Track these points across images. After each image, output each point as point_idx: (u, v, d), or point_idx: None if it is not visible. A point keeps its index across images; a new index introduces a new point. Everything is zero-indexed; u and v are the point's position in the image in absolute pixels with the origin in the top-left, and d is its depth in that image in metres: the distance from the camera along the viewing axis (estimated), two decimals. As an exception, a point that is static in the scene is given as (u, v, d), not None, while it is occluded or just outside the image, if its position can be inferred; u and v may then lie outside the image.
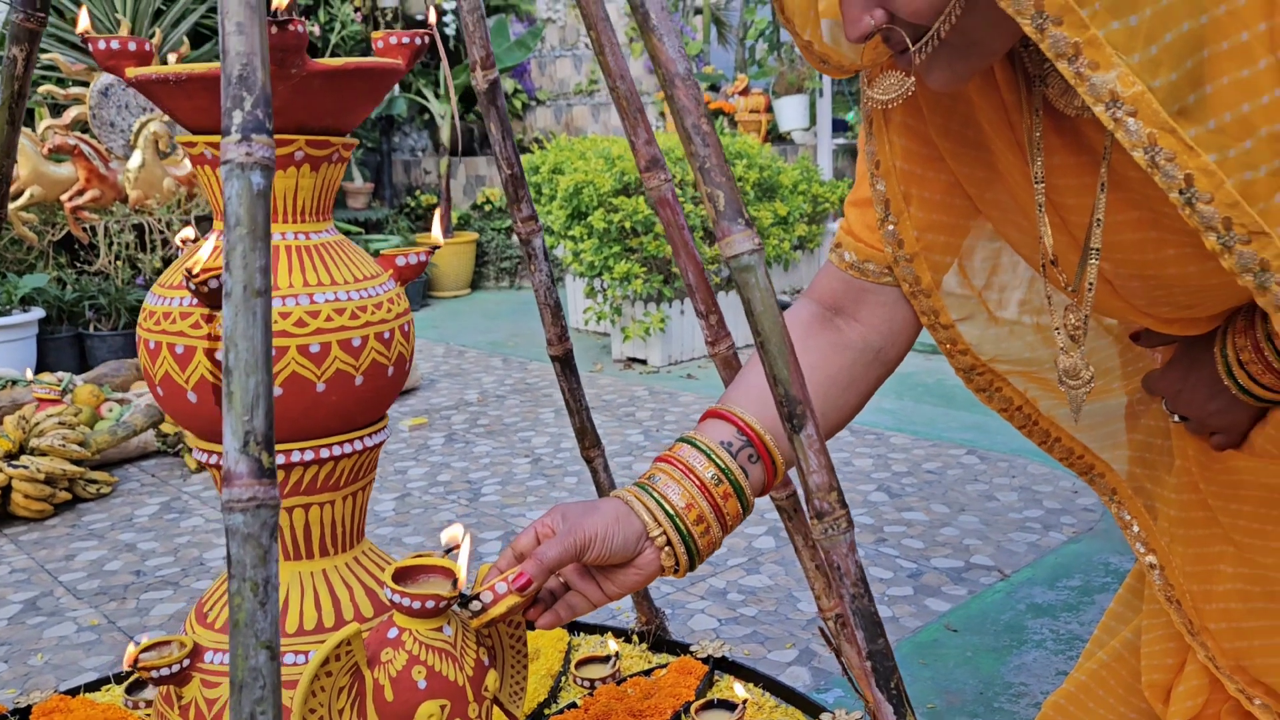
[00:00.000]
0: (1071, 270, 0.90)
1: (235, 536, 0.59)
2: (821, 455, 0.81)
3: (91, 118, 4.21)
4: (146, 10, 4.45)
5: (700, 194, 0.80)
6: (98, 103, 4.21)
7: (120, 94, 4.21)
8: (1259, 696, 0.97)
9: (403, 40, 1.04)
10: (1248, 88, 0.66)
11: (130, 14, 4.36)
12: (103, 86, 4.19)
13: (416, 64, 6.05)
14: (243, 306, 0.62)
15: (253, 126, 0.64)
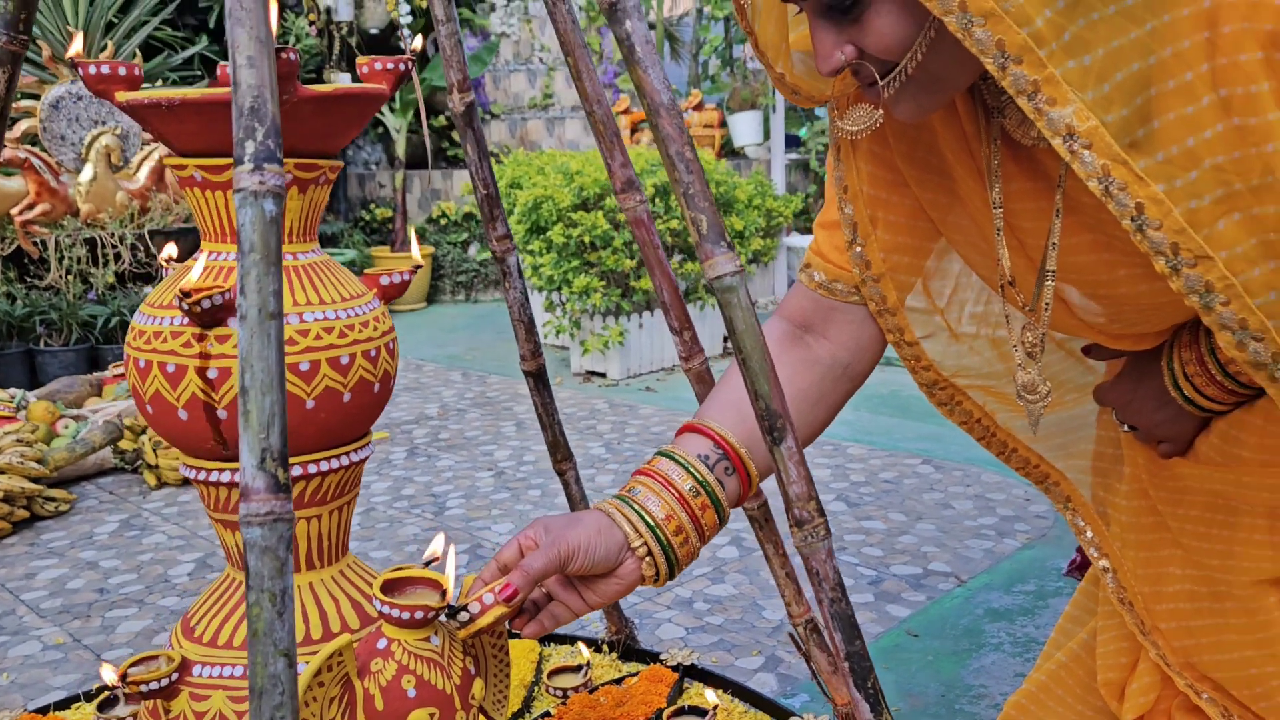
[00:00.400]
0: (1029, 290, 0.95)
1: (254, 549, 0.62)
2: (800, 467, 0.85)
3: (42, 131, 4.16)
4: (99, 23, 4.41)
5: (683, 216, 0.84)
6: (48, 116, 4.15)
7: (71, 107, 4.17)
8: (1207, 691, 1.02)
9: (386, 66, 1.07)
10: (1192, 123, 0.71)
11: (83, 26, 4.31)
12: (53, 99, 4.14)
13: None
14: (258, 329, 0.64)
15: (265, 156, 0.66)
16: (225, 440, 1.00)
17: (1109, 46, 0.71)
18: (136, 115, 0.99)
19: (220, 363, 0.97)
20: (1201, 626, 1.03)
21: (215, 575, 2.25)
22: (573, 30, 1.14)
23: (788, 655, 1.83)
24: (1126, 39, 0.70)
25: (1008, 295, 0.96)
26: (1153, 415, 1.00)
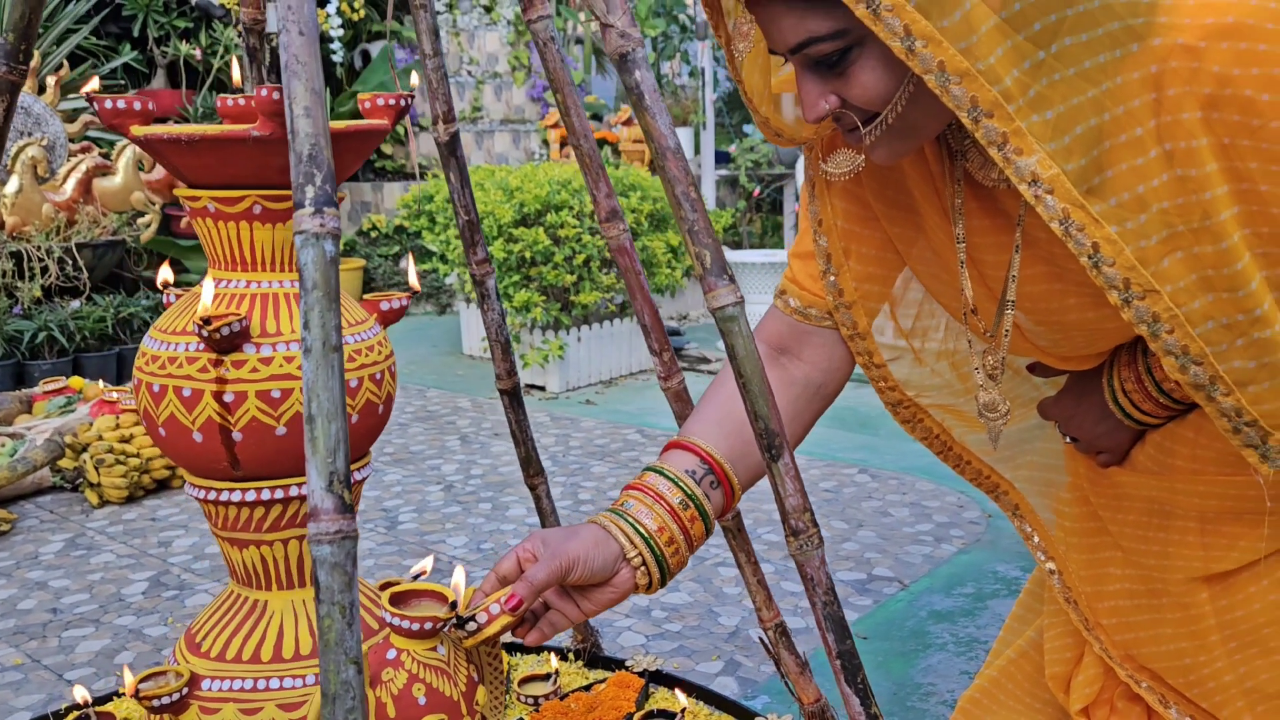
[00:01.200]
0: (990, 318, 1.04)
1: (324, 566, 0.67)
2: (796, 481, 0.93)
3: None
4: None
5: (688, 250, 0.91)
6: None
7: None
8: (1145, 680, 1.12)
9: (389, 102, 1.12)
10: (1141, 173, 0.80)
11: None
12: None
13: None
14: (322, 361, 0.70)
15: (324, 200, 0.72)
16: (238, 461, 1.04)
17: (1069, 104, 0.80)
18: (151, 149, 1.03)
19: (236, 387, 1.01)
20: (1140, 621, 1.13)
21: (170, 593, 2.25)
22: (561, 68, 1.20)
23: (746, 660, 1.91)
24: (1085, 97, 0.80)
25: (970, 323, 1.05)
26: (1093, 428, 1.10)
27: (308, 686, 1.08)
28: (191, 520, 2.71)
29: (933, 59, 0.77)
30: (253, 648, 1.09)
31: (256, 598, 1.12)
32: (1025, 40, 0.78)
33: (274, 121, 0.97)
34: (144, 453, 2.84)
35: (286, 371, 1.02)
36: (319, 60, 0.75)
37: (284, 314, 1.05)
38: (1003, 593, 2.19)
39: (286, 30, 0.73)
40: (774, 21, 0.86)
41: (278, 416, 1.02)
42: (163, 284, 1.21)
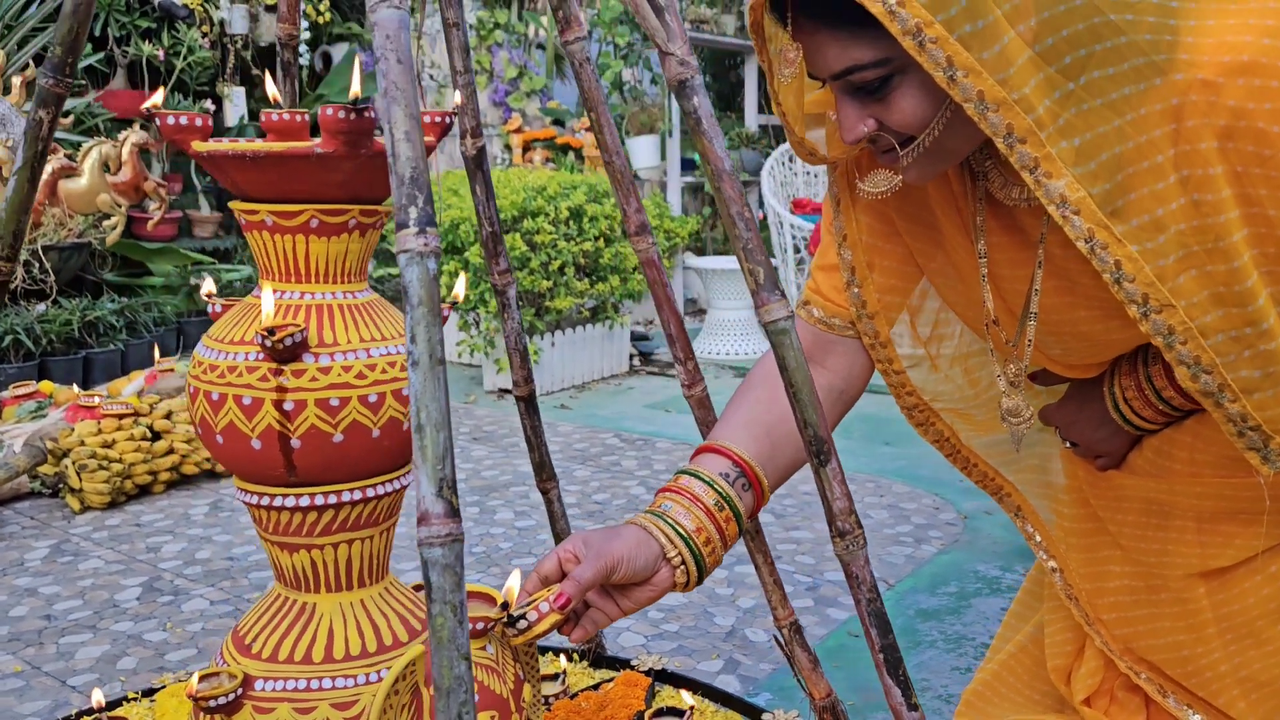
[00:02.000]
0: (1011, 329, 1.11)
1: (435, 567, 0.71)
2: (843, 485, 0.98)
3: (-71, 142, 3.99)
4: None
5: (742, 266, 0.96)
6: (-64, 127, 3.98)
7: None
8: (1145, 672, 1.19)
9: (435, 119, 1.16)
10: (1160, 197, 0.87)
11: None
12: (-59, 110, 3.97)
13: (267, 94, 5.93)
14: (429, 373, 0.73)
15: (426, 220, 0.76)
16: (295, 468, 1.07)
17: (1095, 131, 0.86)
18: (212, 163, 1.05)
19: (296, 395, 1.04)
20: (1139, 616, 1.19)
21: (165, 599, 2.25)
22: (596, 87, 1.25)
23: (745, 658, 1.97)
24: (1110, 126, 0.86)
25: (991, 333, 1.11)
26: (1093, 433, 1.17)
27: (359, 686, 1.11)
28: (177, 526, 2.70)
29: (973, 88, 0.84)
30: (304, 649, 1.12)
31: (305, 600, 1.15)
32: (1056, 72, 0.85)
33: (337, 139, 1.01)
34: (126, 458, 2.83)
35: (344, 380, 1.05)
36: (415, 87, 0.78)
37: (339, 324, 1.08)
38: (985, 591, 2.27)
39: (385, 58, 0.77)
40: (820, 49, 0.92)
41: (335, 424, 1.05)
42: (207, 295, 1.23)
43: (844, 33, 0.89)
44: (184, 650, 2.00)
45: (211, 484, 3.05)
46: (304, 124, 1.08)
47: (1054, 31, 0.83)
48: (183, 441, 2.97)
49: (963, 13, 0.82)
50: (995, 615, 2.15)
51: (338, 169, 1.03)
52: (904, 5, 0.82)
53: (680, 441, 3.50)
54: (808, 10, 0.90)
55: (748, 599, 2.22)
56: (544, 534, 2.61)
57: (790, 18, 0.92)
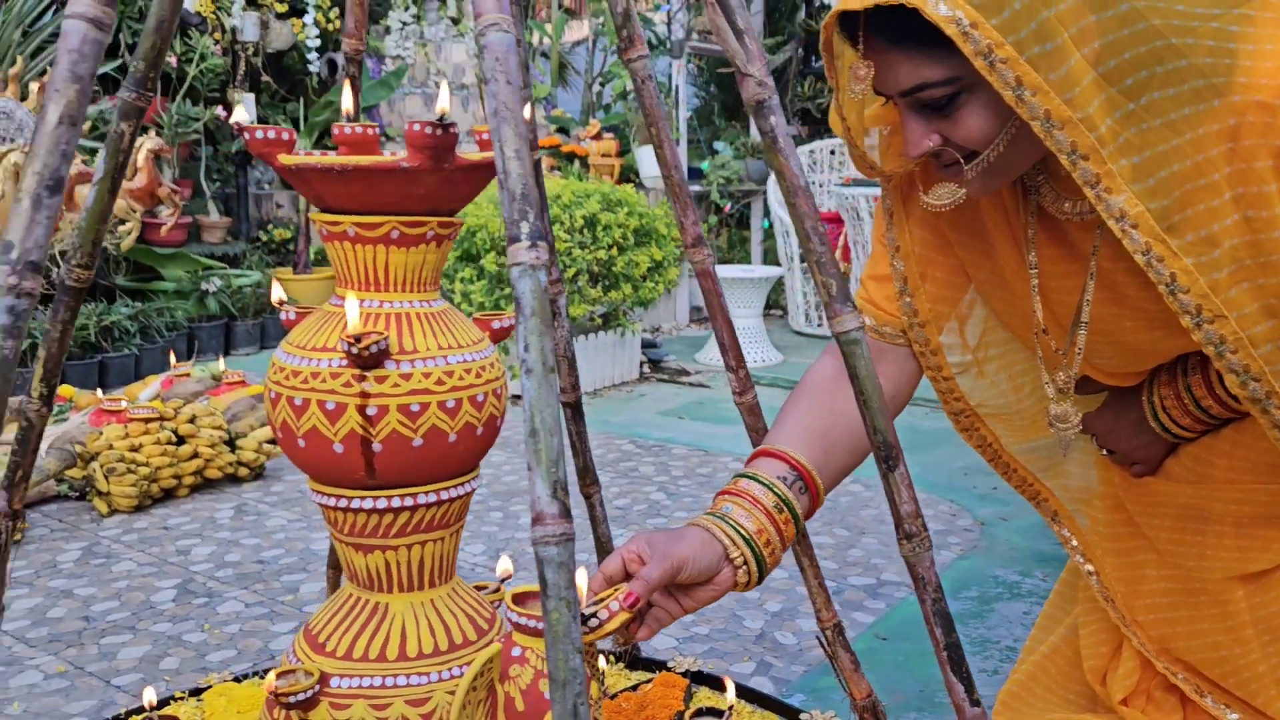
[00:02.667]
0: (1059, 338, 1.15)
1: (550, 565, 0.74)
2: (910, 489, 1.02)
3: (-52, 147, 4.01)
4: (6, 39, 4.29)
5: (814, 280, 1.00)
6: (-45, 132, 4.01)
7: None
8: (1182, 672, 1.23)
9: (506, 134, 1.20)
10: (1215, 213, 0.92)
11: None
12: (-40, 115, 4.00)
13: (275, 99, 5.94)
14: (543, 381, 0.77)
15: (537, 234, 0.80)
16: (375, 471, 1.10)
17: (1155, 150, 0.91)
18: (296, 176, 1.09)
19: (378, 401, 1.08)
20: (1177, 618, 1.23)
21: (200, 601, 2.28)
22: (656, 105, 1.29)
23: (776, 660, 2.00)
24: (1169, 145, 0.91)
25: (1041, 342, 1.16)
26: (1130, 441, 1.21)
27: (432, 683, 1.15)
28: (204, 529, 2.73)
29: (1040, 107, 0.88)
30: (378, 647, 1.15)
31: (378, 600, 1.18)
32: (1118, 93, 0.89)
33: (423, 154, 1.04)
34: (152, 461, 2.85)
35: (424, 387, 1.09)
36: (520, 107, 0.82)
37: (418, 332, 1.12)
38: (1005, 596, 2.31)
39: (495, 79, 0.81)
40: (890, 68, 0.96)
41: (415, 429, 1.09)
42: (278, 302, 1.27)
43: (915, 52, 0.93)
44: (224, 651, 2.03)
45: (234, 488, 3.08)
46: (375, 137, 1.12)
47: (1117, 54, 0.87)
48: (206, 446, 3.00)
49: (1032, 35, 0.86)
50: (1018, 619, 2.20)
51: (421, 182, 1.07)
52: (977, 27, 0.87)
53: (696, 449, 3.54)
54: (880, 30, 0.94)
55: (774, 603, 2.25)
56: (569, 538, 2.64)
57: (862, 37, 0.96)
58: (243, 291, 5.07)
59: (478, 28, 0.83)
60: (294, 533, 2.70)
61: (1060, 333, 1.15)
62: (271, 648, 2.05)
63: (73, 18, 0.78)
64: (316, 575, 2.42)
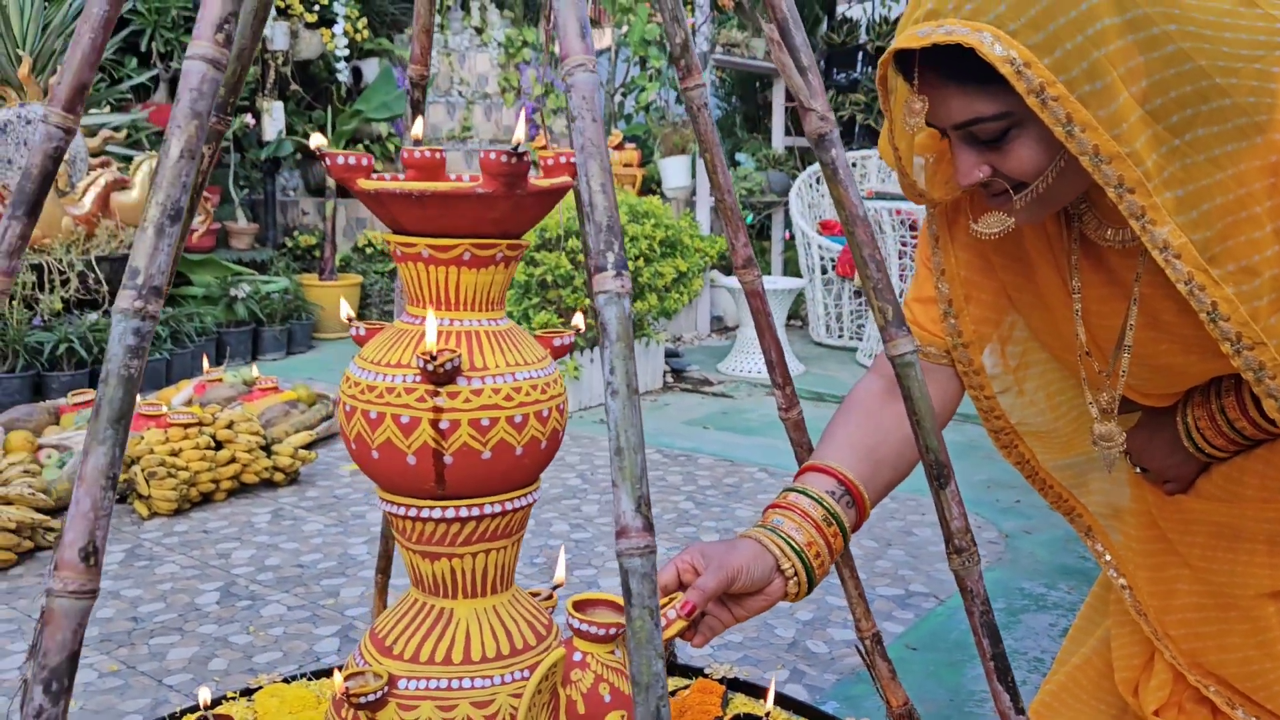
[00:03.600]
0: (1102, 361, 1.20)
1: (634, 575, 0.79)
2: (960, 506, 1.07)
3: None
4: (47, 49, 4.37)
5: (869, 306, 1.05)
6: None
7: (20, 130, 4.12)
8: (1213, 685, 1.27)
9: (570, 160, 1.25)
10: (1256, 245, 0.96)
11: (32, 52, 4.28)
12: (1, 123, 4.08)
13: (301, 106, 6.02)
14: (627, 401, 0.82)
15: (621, 264, 0.85)
16: (445, 482, 1.16)
17: (1198, 184, 0.95)
18: (374, 199, 1.14)
19: (451, 415, 1.13)
20: (1208, 632, 1.27)
21: (244, 604, 2.33)
22: (711, 130, 1.34)
23: (809, 669, 2.05)
24: (1212, 180, 0.95)
25: (1085, 364, 1.20)
26: (1164, 460, 1.25)
27: (495, 686, 1.19)
28: (243, 533, 2.79)
29: (1089, 143, 0.93)
30: (444, 651, 1.20)
31: (443, 605, 1.23)
32: (1164, 129, 0.94)
33: (497, 180, 1.10)
34: (192, 466, 2.92)
35: (494, 402, 1.14)
36: (605, 140, 0.88)
37: (488, 350, 1.17)
38: (1032, 608, 2.35)
39: (581, 116, 0.86)
40: (944, 102, 1.01)
41: (485, 442, 1.14)
42: (348, 318, 1.32)
43: (969, 87, 0.98)
44: (270, 653, 2.09)
45: (270, 493, 3.14)
46: (442, 161, 1.18)
47: (1163, 93, 0.92)
48: (244, 451, 3.06)
49: (1083, 74, 0.91)
50: (1044, 630, 2.23)
51: (494, 207, 1.12)
52: (1030, 66, 0.92)
53: (722, 459, 3.58)
54: (935, 66, 0.99)
55: (805, 613, 2.30)
56: (601, 545, 2.69)
57: (918, 72, 1.01)
58: (271, 297, 5.14)
59: (565, 68, 0.88)
60: (331, 538, 2.75)
61: (1101, 355, 1.19)
62: (316, 650, 2.10)
63: (193, 59, 0.83)
64: (355, 580, 2.47)
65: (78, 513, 0.77)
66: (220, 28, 0.84)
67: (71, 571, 0.77)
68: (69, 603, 0.77)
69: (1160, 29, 0.90)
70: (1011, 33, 0.92)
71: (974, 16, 0.93)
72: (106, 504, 0.77)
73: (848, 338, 5.56)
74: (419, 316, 1.20)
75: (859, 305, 5.48)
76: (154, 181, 0.82)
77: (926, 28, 0.96)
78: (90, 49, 1.04)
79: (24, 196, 1.06)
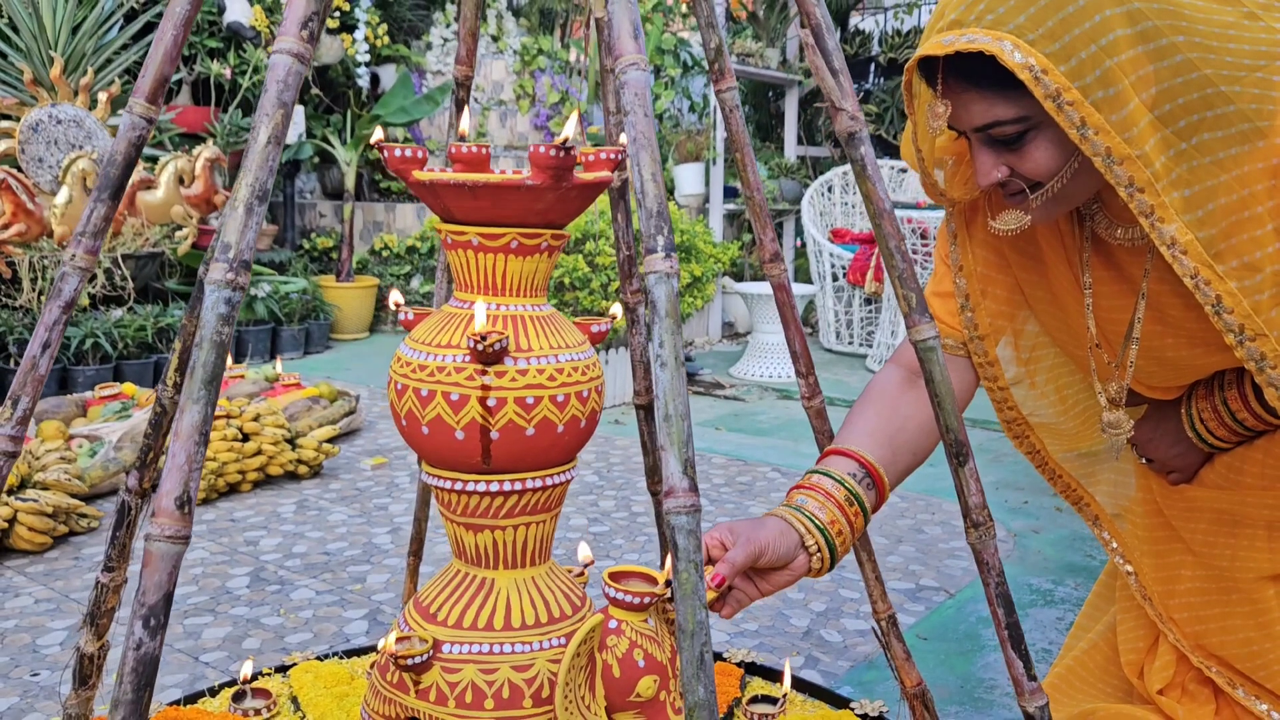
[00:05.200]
0: (1112, 353, 1.26)
1: (681, 532, 0.86)
2: (978, 483, 1.14)
3: (20, 152, 4.19)
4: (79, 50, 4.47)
5: (895, 294, 1.12)
6: (27, 138, 4.19)
7: (51, 129, 4.21)
8: (1215, 666, 1.33)
9: (610, 155, 1.32)
10: (1258, 242, 1.03)
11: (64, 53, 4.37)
12: (33, 122, 4.18)
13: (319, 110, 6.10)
14: (675, 372, 0.89)
15: (670, 247, 0.92)
16: (491, 457, 1.23)
17: (1203, 185, 1.02)
18: (428, 190, 1.22)
19: (498, 393, 1.20)
20: (1210, 615, 1.34)
21: (273, 588, 2.41)
22: (742, 131, 1.42)
23: (824, 656, 2.11)
24: (1216, 181, 1.02)
25: (1094, 355, 1.27)
26: (1168, 450, 1.32)
27: (534, 651, 1.26)
28: (269, 522, 2.86)
29: (1101, 145, 0.99)
30: (486, 617, 1.27)
31: (485, 575, 1.30)
32: (1172, 133, 1.00)
33: (546, 173, 1.17)
34: (220, 457, 2.99)
35: (538, 382, 1.21)
36: (655, 134, 0.95)
37: (533, 333, 1.24)
38: (1039, 603, 2.41)
39: (634, 112, 0.93)
40: (965, 107, 1.08)
41: (529, 420, 1.21)
42: (395, 304, 1.40)
43: (990, 92, 1.05)
44: (301, 634, 2.16)
45: (294, 485, 3.22)
46: (487, 155, 1.25)
47: (1171, 99, 0.99)
48: (270, 444, 3.14)
49: (1096, 81, 0.98)
50: (1051, 624, 2.30)
51: (541, 198, 1.20)
52: (1047, 73, 0.99)
53: (735, 458, 3.65)
54: (958, 73, 1.06)
55: (819, 603, 2.36)
56: (619, 539, 2.76)
57: (941, 79, 1.08)
58: (289, 297, 5.22)
59: (619, 67, 0.95)
60: (355, 527, 2.83)
61: (1111, 348, 1.26)
62: (346, 632, 2.17)
63: (279, 53, 0.91)
64: (381, 567, 2.54)
65: (174, 465, 0.84)
66: (305, 25, 0.92)
67: (168, 518, 0.84)
68: (166, 546, 0.84)
69: (1169, 39, 0.97)
70: (1030, 41, 0.98)
71: (995, 26, 1.00)
72: (199, 458, 0.85)
73: (858, 344, 5.62)
74: (467, 301, 1.27)
75: (869, 312, 5.55)
76: (243, 164, 0.89)
77: (950, 36, 1.03)
78: (172, 44, 1.12)
79: (108, 181, 1.13)
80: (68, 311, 1.16)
